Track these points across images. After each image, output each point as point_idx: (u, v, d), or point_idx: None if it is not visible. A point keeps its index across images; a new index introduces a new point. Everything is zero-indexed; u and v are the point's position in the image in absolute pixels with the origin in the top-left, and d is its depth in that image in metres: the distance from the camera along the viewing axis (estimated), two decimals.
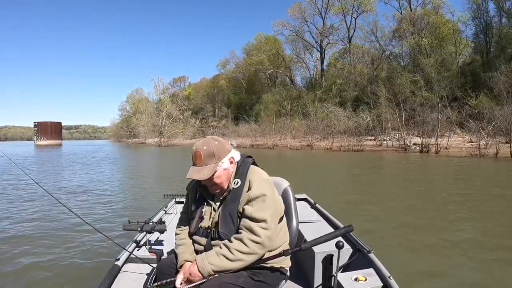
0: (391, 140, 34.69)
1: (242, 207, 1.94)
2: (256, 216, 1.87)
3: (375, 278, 2.17)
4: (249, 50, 64.85)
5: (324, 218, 3.39)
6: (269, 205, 1.92)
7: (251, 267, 1.91)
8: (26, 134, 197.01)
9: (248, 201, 1.93)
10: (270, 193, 1.97)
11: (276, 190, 2.12)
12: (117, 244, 2.69)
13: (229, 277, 1.83)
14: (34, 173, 17.15)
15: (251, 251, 1.84)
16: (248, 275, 1.91)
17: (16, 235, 6.07)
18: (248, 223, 1.88)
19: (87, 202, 9.24)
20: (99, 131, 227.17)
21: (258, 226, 1.85)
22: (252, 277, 1.92)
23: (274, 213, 1.96)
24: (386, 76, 42.88)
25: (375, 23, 50.54)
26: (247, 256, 1.84)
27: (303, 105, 48.63)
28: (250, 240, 1.84)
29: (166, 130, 69.67)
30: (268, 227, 1.87)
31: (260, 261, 1.92)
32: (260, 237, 1.84)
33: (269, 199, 1.93)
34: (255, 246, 1.84)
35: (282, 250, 1.99)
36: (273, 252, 1.99)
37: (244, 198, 1.95)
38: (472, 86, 33.55)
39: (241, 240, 1.85)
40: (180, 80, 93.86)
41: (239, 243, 1.85)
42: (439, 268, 4.40)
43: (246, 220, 1.89)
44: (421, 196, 9.62)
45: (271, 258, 1.95)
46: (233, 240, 1.88)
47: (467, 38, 43.26)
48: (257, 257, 1.88)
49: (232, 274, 1.85)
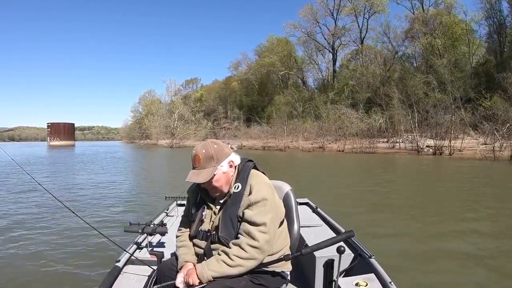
0: (404, 142, 34.57)
1: (242, 211, 1.94)
2: (256, 220, 1.87)
3: (376, 283, 2.16)
4: (261, 51, 64.85)
5: (325, 223, 3.38)
6: (269, 209, 1.93)
7: (252, 270, 1.90)
8: (40, 134, 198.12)
9: (248, 205, 1.93)
10: (270, 197, 1.97)
11: (277, 194, 2.12)
12: (118, 245, 2.66)
13: (230, 281, 1.84)
14: (42, 173, 17.59)
15: (250, 256, 1.84)
16: (249, 279, 1.92)
17: (16, 235, 6.13)
18: (247, 227, 1.88)
19: (89, 203, 9.33)
20: (112, 132, 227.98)
21: (257, 230, 1.86)
22: (253, 281, 1.93)
23: (274, 217, 1.96)
24: (398, 77, 42.56)
25: (387, 23, 50.34)
26: (246, 262, 1.84)
27: (315, 106, 48.55)
28: (249, 245, 1.84)
29: (178, 131, 70.07)
30: (267, 231, 1.88)
31: (261, 265, 1.92)
32: (259, 241, 1.84)
33: (269, 203, 1.94)
34: (254, 251, 1.84)
35: (283, 255, 2.02)
36: (274, 256, 2.00)
37: (245, 203, 1.95)
38: (486, 87, 33.08)
39: (240, 246, 1.85)
40: (192, 81, 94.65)
41: (237, 248, 1.85)
42: (441, 275, 4.35)
43: (246, 224, 1.89)
44: (430, 200, 9.53)
45: (272, 262, 1.95)
46: (232, 245, 1.88)
47: (480, 38, 42.99)
48: (257, 262, 1.88)
49: (233, 278, 1.86)
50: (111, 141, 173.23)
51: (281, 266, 2.04)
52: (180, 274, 1.92)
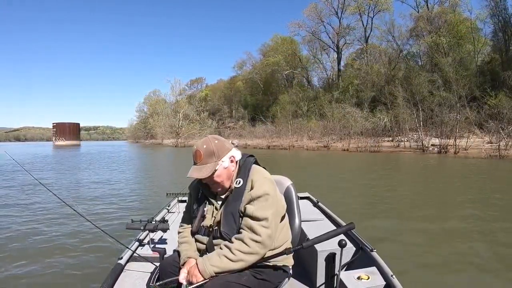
0: (409, 141, 34.55)
1: (244, 206, 1.94)
2: (258, 214, 1.88)
3: (377, 276, 2.17)
4: (265, 51, 64.75)
5: (326, 217, 3.40)
6: (271, 204, 1.93)
7: (254, 265, 1.91)
8: (45, 134, 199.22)
9: (250, 201, 1.93)
10: (272, 192, 1.97)
11: (278, 189, 2.12)
12: (120, 242, 2.64)
13: (232, 276, 1.84)
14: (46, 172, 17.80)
15: (252, 250, 1.84)
16: (251, 274, 1.92)
17: (19, 233, 6.20)
18: (249, 222, 1.88)
19: (91, 201, 9.42)
20: (117, 132, 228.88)
21: (259, 224, 1.86)
22: (255, 276, 1.93)
23: (275, 211, 1.96)
24: (403, 76, 42.41)
25: (391, 22, 50.09)
26: (248, 256, 1.84)
27: (320, 105, 48.47)
28: (251, 239, 1.84)
29: (182, 131, 70.18)
30: (269, 225, 1.88)
31: (262, 260, 1.93)
32: (261, 236, 1.84)
33: (271, 198, 1.94)
34: (256, 245, 1.84)
35: (285, 249, 2.01)
36: (275, 250, 2.00)
37: (246, 198, 1.95)
38: (491, 85, 32.92)
39: (242, 240, 1.85)
40: (197, 81, 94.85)
41: (240, 243, 1.85)
42: (442, 268, 4.40)
43: (247, 219, 1.89)
44: (432, 197, 9.58)
45: (274, 257, 1.95)
46: (234, 240, 1.88)
47: (486, 36, 42.50)
48: (259, 257, 1.89)
49: (235, 272, 1.86)
50: (117, 141, 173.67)
51: (282, 260, 2.05)
52: (183, 270, 1.92)
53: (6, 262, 4.75)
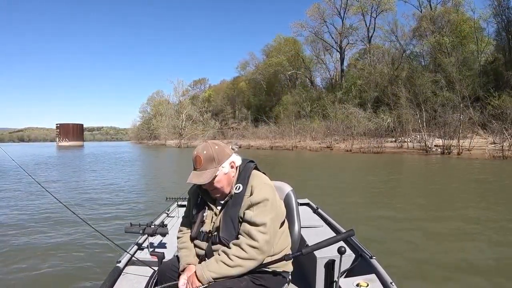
0: (412, 142, 34.46)
1: (243, 212, 1.93)
2: (256, 220, 1.86)
3: (377, 284, 2.15)
4: (268, 51, 64.71)
5: (326, 223, 3.38)
6: (270, 210, 1.92)
7: (253, 271, 1.90)
8: (49, 135, 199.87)
9: (249, 206, 1.92)
10: (271, 197, 1.96)
11: (277, 195, 2.11)
12: (118, 246, 2.62)
13: (231, 281, 1.83)
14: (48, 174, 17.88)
15: (249, 256, 1.83)
16: (250, 279, 1.90)
17: (17, 236, 6.17)
18: (248, 227, 1.87)
19: (91, 203, 9.41)
20: (121, 132, 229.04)
21: (256, 230, 1.85)
22: (254, 281, 1.92)
23: (275, 217, 1.95)
24: (406, 76, 42.15)
25: (394, 22, 49.93)
26: (246, 262, 1.83)
27: (323, 106, 48.27)
28: (248, 245, 1.83)
29: (186, 131, 70.37)
30: (267, 231, 1.87)
31: (261, 265, 1.92)
32: (258, 241, 1.83)
33: (270, 204, 1.92)
34: (253, 251, 1.83)
35: (284, 255, 2.00)
36: (275, 256, 1.99)
37: (246, 203, 1.94)
38: (495, 86, 32.79)
39: (239, 246, 1.85)
40: (200, 82, 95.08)
41: (237, 248, 1.84)
42: (443, 276, 4.33)
43: (246, 225, 1.88)
44: (435, 202, 9.40)
45: (273, 262, 1.95)
46: (232, 245, 1.87)
47: (489, 36, 42.27)
48: (257, 263, 1.87)
49: (234, 278, 1.85)
50: (120, 141, 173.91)
51: (282, 266, 2.04)
52: (182, 277, 1.91)
53: (4, 264, 4.77)
